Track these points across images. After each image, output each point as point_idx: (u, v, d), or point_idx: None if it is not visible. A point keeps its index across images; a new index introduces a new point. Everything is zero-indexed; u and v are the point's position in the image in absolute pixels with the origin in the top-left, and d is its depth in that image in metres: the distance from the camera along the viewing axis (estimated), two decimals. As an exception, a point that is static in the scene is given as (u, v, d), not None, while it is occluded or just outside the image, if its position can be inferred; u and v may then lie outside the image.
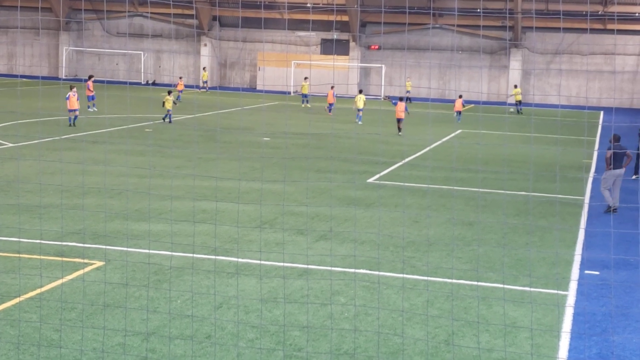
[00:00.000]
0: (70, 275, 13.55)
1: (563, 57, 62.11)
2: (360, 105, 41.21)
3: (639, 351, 11.39)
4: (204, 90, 61.65)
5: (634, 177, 26.63)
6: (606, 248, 16.81)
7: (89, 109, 40.43)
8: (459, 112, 44.81)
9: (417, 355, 10.84)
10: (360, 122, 41.03)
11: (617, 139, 21.26)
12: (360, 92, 43.47)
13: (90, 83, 41.56)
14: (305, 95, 51.05)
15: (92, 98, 41.23)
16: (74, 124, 34.69)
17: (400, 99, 37.78)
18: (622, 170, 20.95)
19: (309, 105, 50.17)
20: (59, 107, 39.72)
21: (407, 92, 57.19)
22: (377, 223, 18.51)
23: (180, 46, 69.59)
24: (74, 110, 34.58)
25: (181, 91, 50.97)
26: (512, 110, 52.72)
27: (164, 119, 37.31)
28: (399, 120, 36.63)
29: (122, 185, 21.50)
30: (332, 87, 45.16)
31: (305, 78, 51.72)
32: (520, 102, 52.71)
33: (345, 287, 13.56)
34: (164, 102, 37.42)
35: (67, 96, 34.48)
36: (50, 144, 28.80)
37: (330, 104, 45.47)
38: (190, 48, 69.22)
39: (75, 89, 34.66)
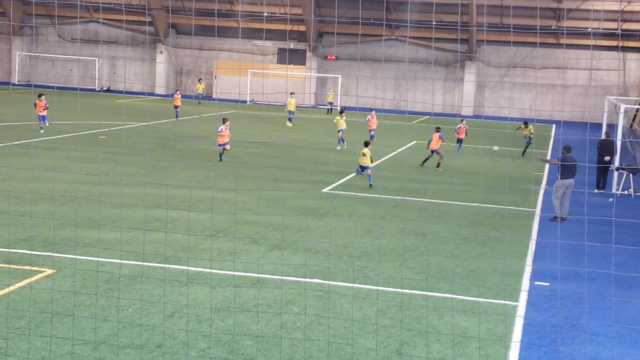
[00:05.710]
0: (19, 283, 13.35)
1: (517, 70, 62.93)
2: (343, 126, 35.39)
3: (587, 361, 11.54)
4: (197, 101, 59.89)
5: (595, 190, 26.81)
6: (556, 259, 17.03)
7: (41, 131, 34.94)
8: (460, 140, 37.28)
9: (368, 365, 10.85)
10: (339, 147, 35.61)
11: (568, 149, 21.53)
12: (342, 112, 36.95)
13: (39, 102, 35.45)
14: (291, 112, 45.12)
15: (44, 118, 35.42)
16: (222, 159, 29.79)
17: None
18: (572, 181, 21.33)
19: (290, 124, 44.36)
20: (8, 112, 39.19)
21: (329, 103, 58.88)
22: (330, 233, 18.53)
23: (136, 53, 69.14)
24: (224, 144, 29.82)
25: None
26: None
27: (358, 172, 26.78)
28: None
29: (73, 192, 21.25)
30: (462, 121, 38.03)
31: (292, 93, 46.89)
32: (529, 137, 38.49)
33: (298, 296, 13.55)
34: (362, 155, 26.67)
35: (219, 130, 29.80)
36: (1, 150, 28.38)
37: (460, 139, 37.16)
38: (145, 55, 68.82)
39: (228, 123, 30.02)
